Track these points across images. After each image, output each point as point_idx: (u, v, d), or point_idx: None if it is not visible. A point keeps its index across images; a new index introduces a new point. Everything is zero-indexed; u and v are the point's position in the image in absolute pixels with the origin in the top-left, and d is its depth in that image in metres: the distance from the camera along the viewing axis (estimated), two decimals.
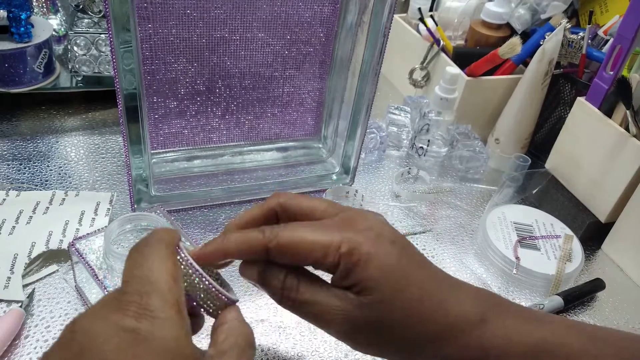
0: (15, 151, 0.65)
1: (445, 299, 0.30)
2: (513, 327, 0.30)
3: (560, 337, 0.30)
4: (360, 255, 0.29)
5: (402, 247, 0.31)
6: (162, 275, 0.25)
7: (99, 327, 0.22)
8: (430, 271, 0.31)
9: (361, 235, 0.30)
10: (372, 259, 0.29)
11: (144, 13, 0.52)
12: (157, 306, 0.23)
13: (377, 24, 0.55)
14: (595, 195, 0.64)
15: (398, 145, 0.75)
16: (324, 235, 0.29)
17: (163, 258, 0.26)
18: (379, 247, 0.29)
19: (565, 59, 0.72)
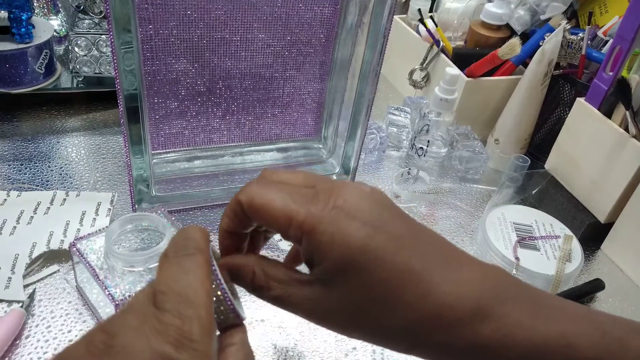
0: (16, 151, 0.65)
1: (435, 283, 0.26)
2: (515, 321, 0.26)
3: (568, 336, 0.26)
4: (322, 235, 0.26)
5: (379, 226, 0.26)
6: (202, 298, 0.23)
7: (139, 347, 0.21)
8: (418, 248, 0.27)
9: (329, 213, 0.26)
10: (335, 240, 0.26)
11: (144, 14, 0.52)
12: (198, 336, 0.22)
13: (377, 25, 0.55)
14: (595, 195, 0.64)
15: (398, 146, 0.75)
16: (291, 205, 0.27)
17: (203, 275, 0.24)
18: (346, 227, 0.26)
19: (564, 59, 0.72)
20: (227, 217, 0.29)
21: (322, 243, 0.26)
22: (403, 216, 0.28)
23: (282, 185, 0.28)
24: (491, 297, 0.26)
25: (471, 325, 0.26)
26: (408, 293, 0.26)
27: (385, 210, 0.27)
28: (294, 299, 0.28)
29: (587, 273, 0.60)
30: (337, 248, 0.26)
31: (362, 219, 0.26)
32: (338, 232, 0.26)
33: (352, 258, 0.26)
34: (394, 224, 0.27)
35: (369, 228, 0.26)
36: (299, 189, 0.28)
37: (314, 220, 0.26)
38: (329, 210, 0.26)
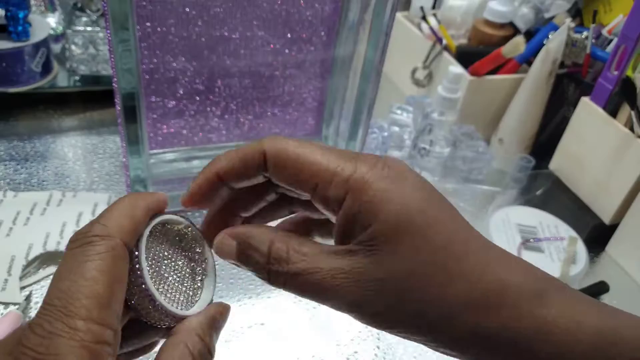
0: (13, 151, 0.64)
1: (491, 262, 0.23)
2: (579, 309, 0.23)
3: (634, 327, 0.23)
4: (375, 192, 0.22)
5: (433, 193, 0.24)
6: (83, 303, 0.20)
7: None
8: (470, 229, 0.24)
9: (378, 171, 0.23)
10: (390, 197, 0.22)
11: (142, 11, 0.51)
12: (62, 355, 0.19)
13: (379, 22, 0.54)
14: (600, 196, 0.63)
15: (400, 146, 0.74)
16: (335, 160, 0.23)
17: (96, 270, 0.20)
18: (400, 186, 0.23)
19: (569, 58, 0.71)
20: (228, 162, 0.25)
21: (375, 200, 0.22)
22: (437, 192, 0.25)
23: (317, 144, 0.25)
24: (545, 284, 0.23)
25: (534, 303, 0.23)
26: (470, 262, 0.23)
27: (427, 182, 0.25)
28: (323, 274, 0.23)
29: (592, 275, 0.60)
30: (393, 206, 0.22)
31: (415, 182, 0.24)
32: (393, 188, 0.23)
33: (409, 217, 0.22)
34: (442, 198, 0.25)
35: (425, 191, 0.24)
36: (337, 150, 0.25)
37: (365, 175, 0.23)
38: (380, 168, 0.23)
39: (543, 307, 0.23)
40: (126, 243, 0.22)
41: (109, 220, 0.22)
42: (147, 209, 0.24)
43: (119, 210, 0.23)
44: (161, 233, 0.25)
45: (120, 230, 0.22)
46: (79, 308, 0.20)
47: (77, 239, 0.22)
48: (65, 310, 0.20)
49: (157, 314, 0.23)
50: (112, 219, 0.22)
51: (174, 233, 0.26)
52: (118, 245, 0.22)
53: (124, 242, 0.22)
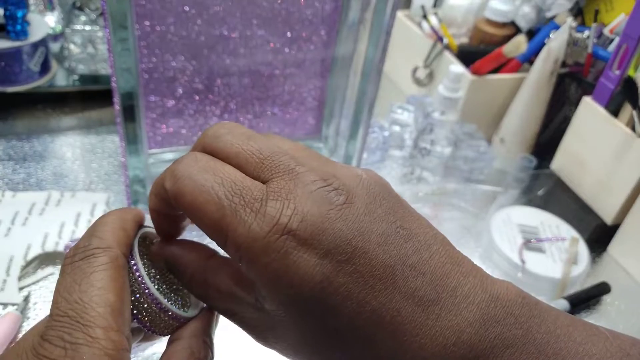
0: (11, 151, 0.64)
1: (408, 336, 0.19)
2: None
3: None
4: (265, 268, 0.20)
5: (346, 259, 0.19)
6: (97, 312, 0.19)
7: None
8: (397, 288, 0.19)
9: (274, 240, 0.19)
10: (281, 280, 0.20)
11: (141, 10, 0.51)
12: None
13: (380, 21, 0.54)
14: (602, 196, 0.63)
15: (401, 146, 0.74)
16: (227, 214, 0.20)
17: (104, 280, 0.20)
18: (299, 262, 0.19)
19: (570, 57, 0.71)
20: (154, 197, 0.23)
21: (266, 279, 0.20)
22: (388, 232, 0.20)
23: (226, 171, 0.21)
24: (485, 347, 0.19)
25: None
26: (376, 348, 0.20)
27: (360, 231, 0.20)
28: (238, 317, 0.22)
29: (594, 276, 0.59)
30: (284, 290, 0.19)
31: (323, 249, 0.19)
32: (286, 269, 0.19)
33: (304, 303, 0.19)
34: (370, 253, 0.20)
35: (330, 263, 0.19)
36: (243, 185, 0.20)
37: (256, 246, 0.19)
38: (277, 236, 0.19)
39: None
40: (124, 254, 0.22)
41: (105, 234, 0.22)
42: (135, 222, 0.24)
43: (112, 223, 0.23)
44: (143, 246, 0.25)
45: (118, 242, 0.22)
46: (96, 317, 0.20)
47: (76, 253, 0.22)
48: (82, 320, 0.19)
49: (164, 317, 0.23)
50: (107, 232, 0.22)
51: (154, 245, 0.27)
52: (119, 256, 0.22)
53: (122, 252, 0.22)
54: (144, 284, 0.23)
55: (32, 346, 0.20)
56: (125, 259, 0.22)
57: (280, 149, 0.22)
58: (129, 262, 0.23)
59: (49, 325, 0.20)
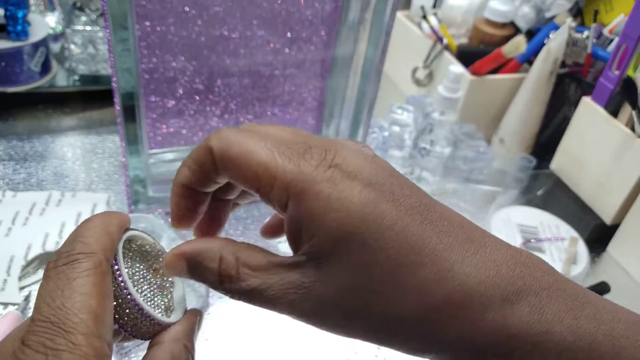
0: (12, 151, 0.64)
1: (455, 262, 0.21)
2: (553, 316, 0.21)
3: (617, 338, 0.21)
4: (316, 198, 0.21)
5: (386, 190, 0.21)
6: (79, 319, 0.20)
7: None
8: (433, 221, 0.22)
9: (324, 171, 0.21)
10: (332, 205, 0.21)
11: (142, 11, 0.51)
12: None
13: (380, 21, 0.54)
14: (601, 196, 0.63)
15: (400, 146, 0.74)
16: (277, 158, 0.21)
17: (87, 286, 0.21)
18: (346, 188, 0.21)
19: (570, 58, 0.71)
20: (188, 168, 0.24)
21: (316, 208, 0.21)
22: (413, 186, 0.23)
23: (267, 135, 0.23)
24: (523, 284, 0.21)
25: (501, 314, 0.21)
26: (422, 273, 0.21)
27: (392, 176, 0.22)
28: (275, 290, 0.22)
29: (593, 275, 0.60)
30: (335, 215, 0.21)
31: (365, 180, 0.21)
32: (336, 194, 0.21)
33: (353, 227, 0.21)
34: (403, 191, 0.22)
35: (374, 192, 0.21)
36: (287, 142, 0.22)
37: (306, 178, 0.21)
38: (324, 168, 0.21)
39: (509, 316, 0.21)
40: (107, 259, 0.22)
41: (89, 238, 0.22)
42: (119, 226, 0.24)
43: (96, 227, 0.23)
44: (128, 250, 0.25)
45: (102, 247, 0.22)
46: (78, 323, 0.20)
47: (59, 258, 0.21)
48: (64, 326, 0.20)
49: (146, 322, 0.23)
50: (91, 237, 0.22)
51: (139, 249, 0.26)
52: (102, 262, 0.22)
53: (107, 259, 0.22)
54: (126, 290, 0.23)
55: (12, 351, 0.20)
56: (109, 264, 0.22)
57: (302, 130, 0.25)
58: (112, 266, 0.23)
59: (30, 330, 0.20)
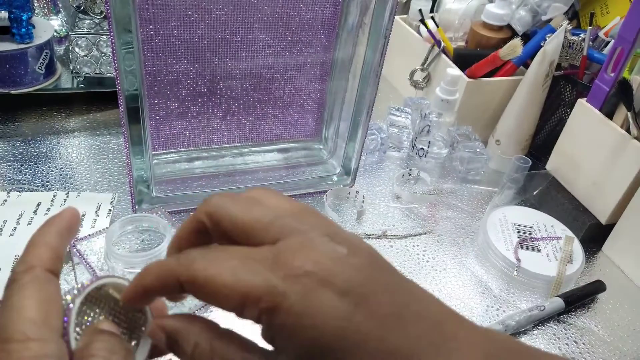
0: (17, 152, 0.65)
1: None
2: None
3: None
4: (287, 315, 0.20)
5: (361, 301, 0.20)
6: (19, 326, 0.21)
7: None
8: (408, 327, 0.21)
9: (294, 283, 0.20)
10: (304, 322, 0.20)
11: (145, 14, 0.52)
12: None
13: (378, 25, 0.55)
14: (596, 196, 0.64)
15: (399, 147, 0.75)
16: (245, 276, 0.21)
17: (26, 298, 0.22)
18: (319, 302, 0.20)
19: (566, 60, 0.72)
20: (156, 279, 0.23)
21: (288, 325, 0.20)
22: (388, 282, 0.22)
23: (230, 248, 0.23)
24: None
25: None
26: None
27: (366, 277, 0.21)
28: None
29: (588, 274, 0.60)
30: (308, 333, 0.20)
31: (339, 289, 0.20)
32: (308, 309, 0.20)
33: (328, 343, 0.20)
34: (379, 297, 0.21)
35: (348, 303, 0.20)
36: (252, 250, 0.22)
37: (276, 292, 0.20)
38: (294, 279, 0.20)
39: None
40: (49, 269, 0.24)
41: (27, 255, 0.24)
42: (58, 232, 0.25)
43: (34, 243, 0.24)
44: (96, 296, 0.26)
45: (40, 259, 0.24)
46: (14, 332, 0.21)
47: (7, 283, 0.23)
48: (2, 339, 0.21)
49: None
50: (30, 253, 0.24)
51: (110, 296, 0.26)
52: (40, 273, 0.23)
53: (47, 268, 0.23)
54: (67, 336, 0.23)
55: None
56: (50, 273, 0.24)
57: (282, 210, 0.23)
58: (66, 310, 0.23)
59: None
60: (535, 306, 0.53)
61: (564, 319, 0.55)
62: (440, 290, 0.56)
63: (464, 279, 0.57)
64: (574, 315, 0.55)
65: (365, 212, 0.64)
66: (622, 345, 0.53)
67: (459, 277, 0.57)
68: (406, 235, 0.61)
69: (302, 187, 0.65)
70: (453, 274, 0.58)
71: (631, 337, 0.54)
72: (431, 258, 0.59)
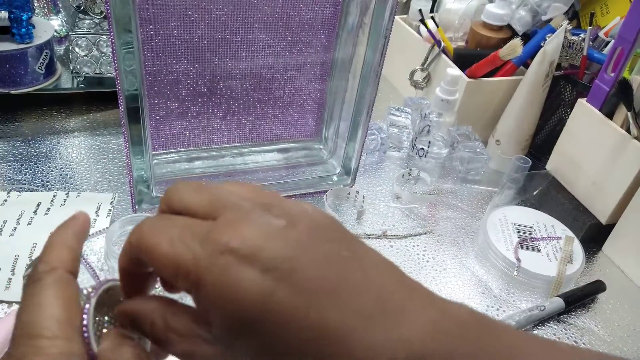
0: (17, 152, 0.65)
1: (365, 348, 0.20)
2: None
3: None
4: (211, 287, 0.21)
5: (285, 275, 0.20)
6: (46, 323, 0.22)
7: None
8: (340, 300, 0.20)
9: (217, 258, 0.21)
10: (224, 295, 0.20)
11: (145, 14, 0.52)
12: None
13: (378, 25, 0.55)
14: (596, 196, 0.64)
15: (399, 147, 0.75)
16: (179, 249, 0.21)
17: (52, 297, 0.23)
18: (239, 277, 0.20)
19: (566, 60, 0.72)
20: (124, 255, 0.25)
21: (212, 298, 0.21)
22: (332, 254, 0.21)
23: (178, 219, 0.23)
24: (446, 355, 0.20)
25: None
26: (323, 357, 0.20)
27: (301, 251, 0.21)
28: (198, 358, 0.23)
29: (589, 274, 0.60)
30: (228, 305, 0.20)
31: (262, 265, 0.20)
32: (228, 284, 0.20)
33: (248, 317, 0.20)
34: (310, 271, 0.21)
35: (270, 279, 0.20)
36: (194, 223, 0.22)
37: (200, 267, 0.21)
38: (217, 255, 0.21)
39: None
40: (69, 270, 0.25)
41: (49, 256, 0.25)
42: (75, 234, 0.26)
43: (55, 244, 0.25)
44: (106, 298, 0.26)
45: (61, 260, 0.25)
46: (42, 329, 0.22)
47: (29, 279, 0.24)
48: (29, 335, 0.22)
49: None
50: (51, 254, 0.25)
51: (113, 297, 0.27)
52: (63, 274, 0.24)
53: (68, 270, 0.24)
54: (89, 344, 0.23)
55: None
56: (71, 275, 0.24)
57: (229, 192, 0.24)
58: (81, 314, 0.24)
59: (9, 347, 0.22)
60: (535, 306, 0.53)
61: (564, 319, 0.55)
62: (440, 290, 0.56)
63: (464, 279, 0.57)
64: (574, 315, 0.55)
65: (365, 212, 0.64)
66: (622, 345, 0.53)
67: (459, 277, 0.57)
68: (406, 235, 0.61)
69: (302, 187, 0.65)
70: (453, 274, 0.58)
71: (631, 337, 0.54)
72: (431, 258, 0.59)
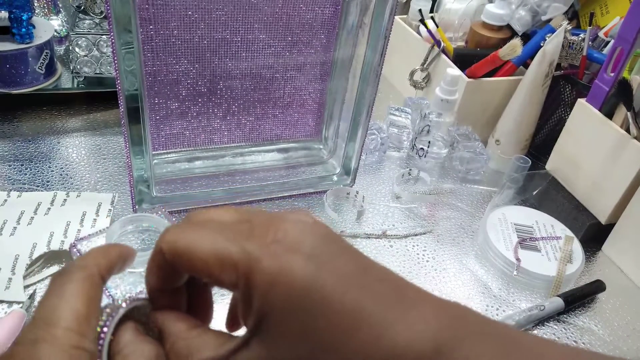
0: (17, 152, 0.65)
1: (388, 323, 0.22)
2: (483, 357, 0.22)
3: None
4: (262, 274, 0.22)
5: (325, 261, 0.23)
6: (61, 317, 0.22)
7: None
8: (369, 286, 0.23)
9: (267, 248, 0.23)
10: (277, 279, 0.22)
11: (145, 14, 0.52)
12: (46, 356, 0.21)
13: (378, 25, 0.55)
14: (596, 196, 0.64)
15: (399, 147, 0.75)
16: (222, 243, 0.23)
17: (72, 291, 0.23)
18: (289, 263, 0.22)
19: (565, 60, 0.72)
20: (152, 274, 0.26)
21: (262, 283, 0.22)
22: (350, 251, 0.25)
23: (210, 223, 0.25)
24: (453, 334, 0.22)
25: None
26: (360, 336, 0.22)
27: (330, 244, 0.24)
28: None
29: (588, 274, 0.60)
30: (280, 289, 0.22)
31: (305, 253, 0.23)
32: (280, 269, 0.22)
33: (297, 298, 0.22)
34: (341, 259, 0.23)
35: (314, 264, 0.23)
36: (231, 225, 0.25)
37: (251, 258, 0.23)
38: (267, 245, 0.23)
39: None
40: (102, 275, 0.25)
41: (88, 257, 0.26)
42: (120, 253, 0.27)
43: (96, 250, 0.26)
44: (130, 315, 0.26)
45: (97, 264, 0.25)
46: (59, 319, 0.22)
47: (60, 271, 0.25)
48: (48, 321, 0.22)
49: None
50: (90, 256, 0.26)
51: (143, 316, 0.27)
52: (94, 274, 0.25)
53: (100, 274, 0.25)
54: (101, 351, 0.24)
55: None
56: (102, 279, 0.25)
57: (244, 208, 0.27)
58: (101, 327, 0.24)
59: (25, 328, 0.23)
60: (535, 306, 0.53)
61: (564, 319, 0.55)
62: (440, 290, 0.56)
63: (464, 278, 0.57)
64: (574, 315, 0.55)
65: (365, 212, 0.64)
66: (622, 345, 0.53)
67: (458, 277, 0.57)
68: (406, 235, 0.62)
69: (302, 187, 0.65)
70: (453, 273, 0.58)
71: (631, 337, 0.54)
72: (431, 258, 0.59)
